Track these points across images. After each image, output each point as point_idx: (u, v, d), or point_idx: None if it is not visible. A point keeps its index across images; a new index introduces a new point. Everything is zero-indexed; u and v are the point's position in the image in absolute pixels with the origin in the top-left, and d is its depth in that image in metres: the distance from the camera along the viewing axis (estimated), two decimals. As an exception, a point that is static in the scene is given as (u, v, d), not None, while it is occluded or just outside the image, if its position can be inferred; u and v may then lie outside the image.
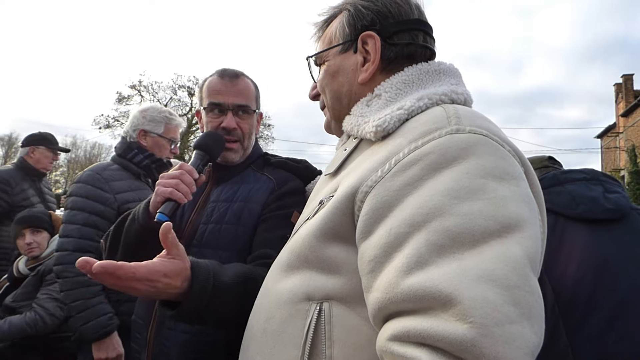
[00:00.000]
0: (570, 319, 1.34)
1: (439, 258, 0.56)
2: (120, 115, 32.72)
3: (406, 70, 0.87)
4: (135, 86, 32.24)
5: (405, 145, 0.70)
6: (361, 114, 0.86)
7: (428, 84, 0.85)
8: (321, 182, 0.95)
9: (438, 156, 0.65)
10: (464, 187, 0.61)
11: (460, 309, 0.50)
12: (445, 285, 0.52)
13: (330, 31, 0.97)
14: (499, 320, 0.49)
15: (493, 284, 0.52)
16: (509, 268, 0.54)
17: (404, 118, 0.78)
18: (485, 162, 0.64)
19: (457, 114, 0.71)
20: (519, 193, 0.64)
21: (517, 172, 0.66)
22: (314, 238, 0.76)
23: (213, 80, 1.48)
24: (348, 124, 0.90)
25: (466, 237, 0.57)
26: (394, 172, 0.68)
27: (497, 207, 0.59)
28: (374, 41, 0.88)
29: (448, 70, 0.89)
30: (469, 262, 0.54)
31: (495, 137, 0.68)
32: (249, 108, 1.48)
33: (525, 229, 0.59)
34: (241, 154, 1.49)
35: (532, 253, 0.58)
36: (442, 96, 0.80)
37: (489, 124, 0.71)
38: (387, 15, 0.90)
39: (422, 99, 0.79)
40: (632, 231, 1.45)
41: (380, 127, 0.78)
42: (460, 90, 0.84)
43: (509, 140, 0.71)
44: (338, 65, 0.94)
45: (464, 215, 0.59)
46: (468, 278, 0.52)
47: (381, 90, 0.86)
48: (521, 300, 0.52)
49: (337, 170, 0.88)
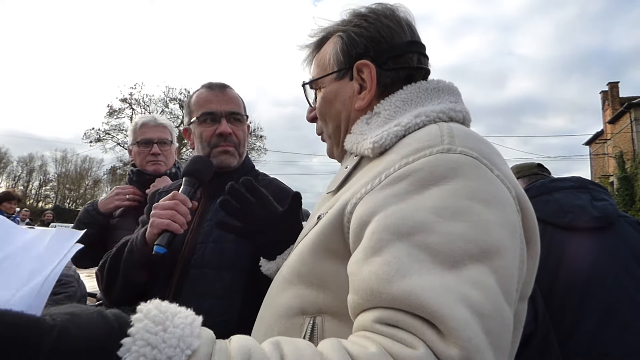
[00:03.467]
0: (561, 327, 1.36)
1: (420, 271, 0.55)
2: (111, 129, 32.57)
3: (405, 88, 0.88)
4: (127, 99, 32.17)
5: (397, 160, 0.71)
6: (361, 132, 0.87)
7: (427, 102, 0.85)
8: (322, 200, 0.95)
9: (427, 173, 0.66)
10: (449, 206, 0.61)
11: (445, 327, 0.50)
12: (429, 301, 0.52)
13: (324, 56, 0.97)
14: (478, 347, 0.49)
15: (471, 309, 0.52)
16: (484, 295, 0.54)
17: (400, 134, 0.78)
18: (472, 184, 0.64)
19: (451, 133, 0.71)
20: (503, 219, 0.64)
21: (503, 197, 0.67)
22: (307, 253, 0.77)
23: (202, 93, 1.49)
24: (349, 143, 0.90)
25: (446, 257, 0.57)
26: (383, 185, 0.68)
27: (480, 231, 0.59)
28: (369, 70, 0.88)
29: (447, 88, 0.89)
30: (449, 282, 0.54)
31: (485, 161, 0.68)
32: (240, 115, 1.49)
33: (504, 257, 0.59)
34: (237, 159, 1.48)
35: (507, 283, 0.58)
36: (439, 114, 0.80)
37: (483, 146, 0.71)
38: (380, 41, 0.89)
39: (419, 116, 0.79)
40: (619, 238, 1.48)
41: (377, 143, 0.79)
42: (459, 108, 0.84)
43: (500, 165, 0.71)
44: (335, 93, 0.94)
45: (446, 234, 0.58)
46: (450, 298, 0.52)
47: (380, 108, 0.87)
48: (492, 330, 0.52)
49: (338, 187, 0.88)
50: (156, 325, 0.46)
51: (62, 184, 48.24)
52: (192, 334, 0.47)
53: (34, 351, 0.40)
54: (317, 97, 1.00)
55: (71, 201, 47.30)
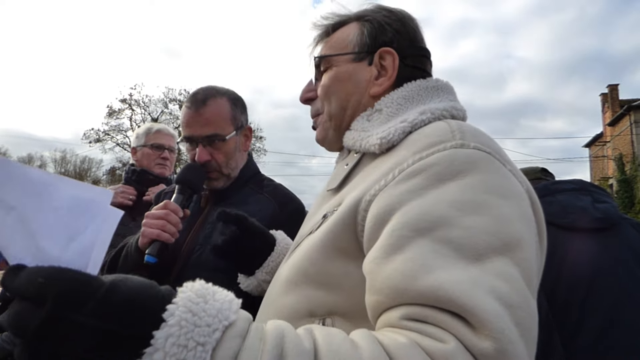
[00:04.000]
0: (564, 329, 1.36)
1: (445, 265, 0.55)
2: (110, 129, 32.60)
3: (406, 85, 0.88)
4: (126, 100, 32.18)
5: (410, 156, 0.70)
6: (362, 128, 0.87)
7: (428, 100, 0.86)
8: (322, 198, 0.94)
9: (443, 168, 0.65)
10: (469, 200, 0.61)
11: (476, 320, 0.49)
12: (458, 294, 0.51)
13: (343, 37, 0.95)
14: (510, 338, 0.49)
15: (500, 301, 0.51)
16: (511, 287, 0.54)
17: (407, 130, 0.79)
18: (489, 178, 0.65)
19: (462, 129, 0.72)
20: (520, 212, 0.64)
21: (518, 191, 0.67)
22: (316, 252, 0.75)
23: (184, 111, 1.42)
24: (349, 139, 0.90)
25: (469, 250, 0.56)
26: (398, 181, 0.68)
27: (500, 224, 0.60)
28: (393, 58, 0.89)
29: (445, 87, 0.91)
30: (475, 275, 0.54)
31: (497, 156, 0.69)
32: (218, 136, 1.39)
33: (525, 249, 0.60)
34: (224, 180, 1.45)
35: (529, 274, 0.58)
36: (443, 111, 0.82)
37: (492, 143, 0.72)
38: (405, 37, 0.92)
39: (425, 113, 0.80)
40: (621, 239, 1.48)
41: (385, 139, 0.79)
42: (459, 107, 0.86)
43: (510, 161, 0.72)
44: (350, 73, 0.92)
45: (468, 228, 0.58)
46: (479, 290, 0.51)
47: (382, 105, 0.87)
48: (522, 321, 0.52)
49: (340, 185, 0.88)
50: (198, 297, 0.50)
51: (62, 184, 48.14)
52: (230, 309, 0.50)
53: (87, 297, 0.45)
54: (323, 76, 0.97)
55: (70, 202, 47.17)
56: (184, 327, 0.46)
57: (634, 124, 25.67)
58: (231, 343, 0.47)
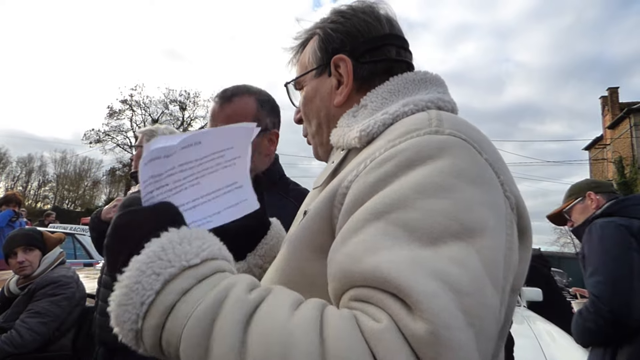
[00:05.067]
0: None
1: (392, 247, 0.53)
2: (111, 130, 32.61)
3: (392, 80, 0.86)
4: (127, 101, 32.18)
5: (384, 145, 0.69)
6: (347, 124, 0.86)
7: (414, 92, 0.84)
8: (310, 197, 0.93)
9: (412, 153, 0.64)
10: (432, 182, 0.59)
11: (411, 301, 0.47)
12: (394, 275, 0.49)
13: (304, 56, 0.97)
14: (448, 323, 0.46)
15: (443, 284, 0.49)
16: (463, 273, 0.51)
17: (388, 122, 0.77)
18: (459, 163, 0.62)
19: (440, 117, 0.70)
20: (489, 199, 0.61)
21: (490, 178, 0.65)
22: (292, 250, 0.75)
23: (212, 105, 1.45)
24: (335, 136, 0.89)
25: (423, 232, 0.54)
26: (369, 169, 0.67)
27: (462, 208, 0.57)
28: (345, 63, 0.88)
29: (434, 80, 0.88)
30: (422, 257, 0.52)
31: (475, 145, 0.66)
32: None
33: (488, 238, 0.57)
34: None
35: (492, 265, 0.55)
36: (428, 103, 0.79)
37: (472, 132, 0.69)
38: (356, 35, 0.89)
39: (408, 105, 0.78)
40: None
41: (364, 131, 0.77)
42: (447, 99, 0.83)
43: (492, 152, 0.69)
44: (315, 90, 0.94)
45: (426, 210, 0.56)
46: (418, 271, 0.50)
47: (367, 100, 0.86)
48: (471, 309, 0.49)
49: (325, 183, 0.85)
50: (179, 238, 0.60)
51: (61, 184, 48.16)
52: (197, 254, 0.59)
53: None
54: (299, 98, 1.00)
55: (70, 202, 47.22)
56: (150, 257, 0.57)
57: (634, 127, 25.68)
58: (183, 282, 0.56)
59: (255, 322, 0.50)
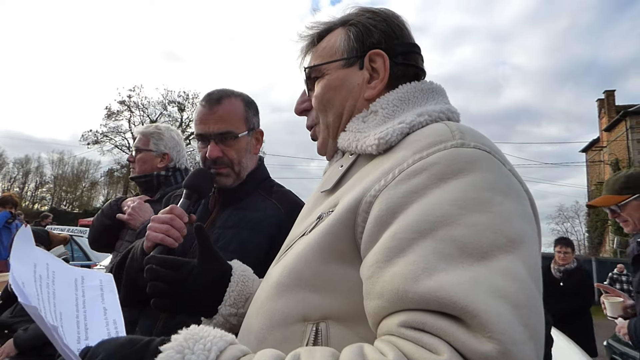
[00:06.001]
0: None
1: (447, 266, 0.54)
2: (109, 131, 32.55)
3: (401, 87, 0.88)
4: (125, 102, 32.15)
5: (409, 156, 0.70)
6: (358, 129, 0.86)
7: (423, 102, 0.86)
8: (316, 199, 0.91)
9: (444, 167, 0.65)
10: (471, 198, 0.61)
11: (477, 322, 0.48)
12: (460, 296, 0.49)
13: (329, 44, 0.95)
14: (514, 339, 0.47)
15: (504, 300, 0.50)
16: (517, 286, 0.52)
17: (405, 132, 0.78)
18: (490, 176, 0.64)
19: (460, 129, 0.72)
20: (522, 210, 0.64)
21: (518, 189, 0.68)
22: (311, 253, 0.73)
23: (198, 108, 1.47)
24: (344, 140, 0.89)
25: (474, 248, 0.55)
26: (398, 180, 0.67)
27: (504, 221, 0.59)
28: (383, 59, 0.89)
29: (439, 90, 0.91)
30: (479, 275, 0.52)
31: (497, 156, 0.69)
32: (231, 134, 1.43)
33: (529, 247, 0.59)
34: (234, 177, 1.46)
35: (535, 272, 0.58)
36: (440, 114, 0.82)
37: (490, 143, 0.72)
38: (392, 36, 0.91)
39: (422, 115, 0.80)
40: None
41: (383, 139, 0.78)
42: (454, 109, 0.86)
43: (508, 161, 0.72)
44: (342, 80, 0.92)
45: (472, 226, 0.57)
46: (481, 291, 0.50)
47: (377, 106, 0.86)
48: (529, 321, 0.50)
49: (334, 186, 0.86)
50: (177, 355, 0.58)
51: (59, 186, 48.01)
52: (208, 357, 0.57)
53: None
54: (316, 86, 0.96)
55: (67, 203, 47.06)
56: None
57: (630, 129, 25.81)
58: None
59: None
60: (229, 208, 1.46)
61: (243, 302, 0.98)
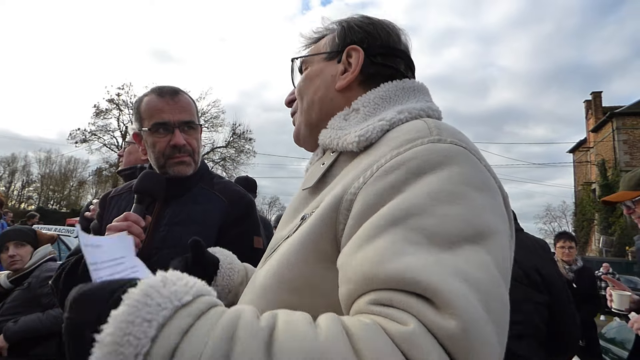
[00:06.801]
0: None
1: (416, 251, 0.55)
2: (97, 130, 32.20)
3: (382, 86, 0.90)
4: (114, 100, 31.86)
5: (387, 152, 0.71)
6: (339, 127, 0.88)
7: (404, 100, 0.88)
8: (299, 199, 0.91)
9: (420, 162, 0.67)
10: (445, 190, 0.62)
11: (441, 300, 0.49)
12: (425, 276, 0.51)
13: (320, 43, 1.01)
14: (476, 319, 0.49)
15: (468, 283, 0.52)
16: (482, 273, 0.54)
17: (385, 129, 0.80)
18: (465, 171, 0.66)
19: (438, 126, 0.74)
20: (494, 205, 0.66)
21: (492, 185, 0.70)
22: (294, 255, 0.73)
23: (152, 100, 1.45)
24: (326, 137, 0.90)
25: (442, 238, 0.57)
26: (376, 177, 0.68)
27: (475, 213, 0.61)
28: (358, 54, 0.92)
29: (421, 88, 0.93)
30: (445, 260, 0.54)
31: (473, 152, 0.71)
32: (194, 123, 1.48)
33: (498, 240, 0.61)
34: (193, 167, 1.48)
35: (502, 265, 0.60)
36: (420, 111, 0.83)
37: (468, 140, 0.74)
38: (375, 37, 0.94)
39: (403, 112, 0.82)
40: None
41: (363, 136, 0.80)
42: (435, 107, 0.88)
43: (484, 158, 0.74)
44: (319, 70, 0.97)
45: (442, 216, 0.59)
46: (447, 272, 0.52)
47: (359, 104, 0.88)
48: (491, 307, 0.52)
49: (316, 184, 0.87)
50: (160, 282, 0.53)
51: (46, 185, 47.38)
52: (187, 291, 0.53)
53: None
54: None
55: (55, 202, 46.51)
56: (134, 306, 0.49)
57: (616, 130, 26.24)
58: (180, 321, 0.49)
59: (277, 349, 0.46)
60: (172, 203, 1.45)
61: (226, 294, 1.00)
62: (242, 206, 1.51)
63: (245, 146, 32.52)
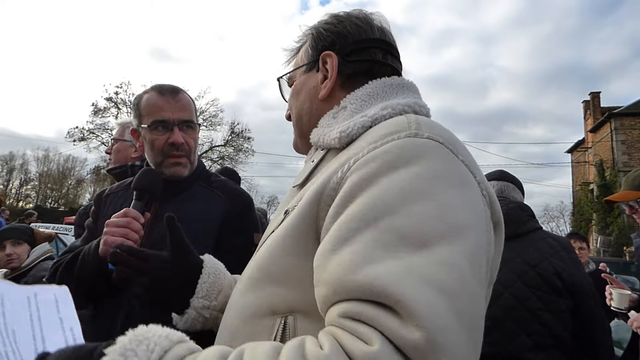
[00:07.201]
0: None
1: (386, 255, 0.55)
2: (95, 128, 32.07)
3: (370, 83, 0.90)
4: (112, 98, 31.77)
5: (365, 146, 0.72)
6: (328, 125, 0.89)
7: (392, 96, 0.88)
8: (289, 195, 0.94)
9: (394, 155, 0.67)
10: (416, 187, 0.62)
11: (406, 312, 0.49)
12: (391, 286, 0.51)
13: (299, 55, 1.03)
14: (442, 327, 0.49)
15: (436, 289, 0.51)
16: (453, 275, 0.54)
17: (367, 125, 0.80)
18: (438, 166, 0.66)
19: (418, 121, 0.74)
20: (468, 200, 0.65)
21: (467, 179, 0.69)
22: (277, 249, 0.75)
23: (152, 97, 1.46)
24: (315, 136, 0.92)
25: (414, 237, 0.57)
26: (353, 170, 0.69)
27: (447, 210, 0.61)
28: (332, 59, 0.92)
29: (410, 85, 0.93)
30: (414, 263, 0.54)
31: (450, 147, 0.70)
32: (192, 122, 1.48)
33: (471, 236, 0.60)
34: (189, 168, 1.48)
35: (476, 262, 0.59)
36: (405, 107, 0.83)
37: (447, 134, 0.73)
38: (346, 36, 0.94)
39: (386, 109, 0.82)
40: None
41: (344, 132, 0.81)
42: (422, 104, 0.88)
43: (466, 153, 0.73)
44: (302, 84, 0.99)
45: (414, 215, 0.59)
46: (414, 280, 0.52)
47: (347, 102, 0.89)
48: (462, 310, 0.52)
49: (304, 181, 0.88)
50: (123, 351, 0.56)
51: (44, 183, 47.27)
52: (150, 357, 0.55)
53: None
54: None
55: (53, 201, 46.39)
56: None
57: (614, 130, 26.28)
58: None
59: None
60: (170, 201, 1.44)
61: (216, 294, 0.98)
62: (242, 204, 1.52)
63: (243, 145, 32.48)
